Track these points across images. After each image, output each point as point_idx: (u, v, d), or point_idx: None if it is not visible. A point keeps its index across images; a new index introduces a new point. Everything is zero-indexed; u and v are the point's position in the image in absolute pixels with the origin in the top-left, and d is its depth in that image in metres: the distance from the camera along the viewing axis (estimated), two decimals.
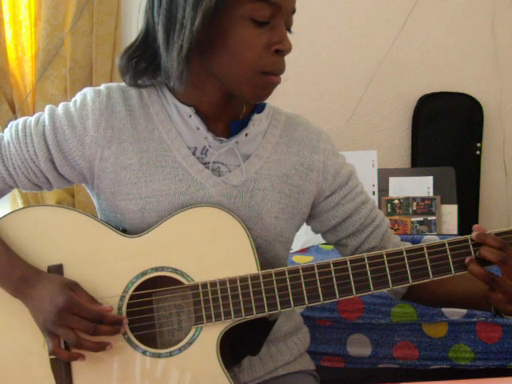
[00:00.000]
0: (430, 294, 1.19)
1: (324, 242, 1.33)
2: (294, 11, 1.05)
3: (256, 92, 1.05)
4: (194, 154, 1.12)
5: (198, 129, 1.09)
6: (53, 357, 1.04)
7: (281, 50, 1.02)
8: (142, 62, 1.10)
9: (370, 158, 2.21)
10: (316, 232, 1.26)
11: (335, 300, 1.03)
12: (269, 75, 1.03)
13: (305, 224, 1.25)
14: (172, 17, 1.02)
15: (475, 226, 1.04)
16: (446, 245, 1.03)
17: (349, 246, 1.21)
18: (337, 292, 1.03)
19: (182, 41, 1.01)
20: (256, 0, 0.99)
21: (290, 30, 1.06)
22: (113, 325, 1.02)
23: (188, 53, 1.01)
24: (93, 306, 1.00)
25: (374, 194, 2.17)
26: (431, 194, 2.16)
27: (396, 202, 2.13)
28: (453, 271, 1.03)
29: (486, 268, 1.01)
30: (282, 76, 1.06)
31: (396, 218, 2.11)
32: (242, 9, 0.99)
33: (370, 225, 1.20)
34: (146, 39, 1.08)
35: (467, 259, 1.02)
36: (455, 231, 2.14)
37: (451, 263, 1.03)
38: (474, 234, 1.03)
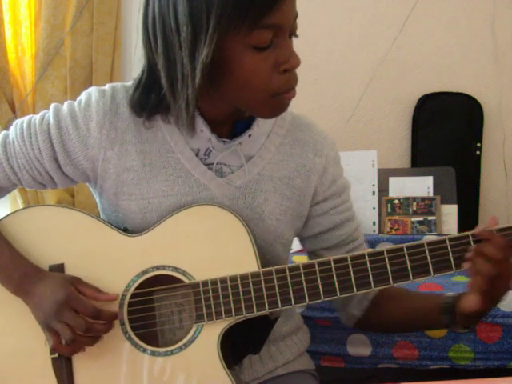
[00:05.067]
0: (384, 317, 1.20)
1: None
2: (296, 17, 1.00)
3: (272, 112, 1.05)
4: (197, 155, 1.11)
5: (202, 130, 1.08)
6: (54, 356, 1.04)
7: (289, 68, 0.99)
8: (154, 97, 1.06)
9: (370, 157, 2.21)
10: (297, 236, 1.24)
11: (336, 298, 1.03)
12: (282, 95, 1.01)
13: None
14: (171, 64, 0.98)
15: (493, 218, 1.04)
16: (447, 241, 1.03)
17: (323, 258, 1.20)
18: (338, 289, 1.03)
19: (186, 94, 0.98)
20: (253, 28, 0.94)
21: (295, 35, 1.02)
22: (109, 320, 1.02)
23: (195, 101, 0.99)
24: (91, 303, 1.00)
25: (373, 194, 2.17)
26: (431, 194, 2.15)
27: (396, 201, 2.13)
28: (453, 267, 1.03)
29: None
30: None
31: (396, 217, 2.11)
32: (242, 41, 0.95)
33: (349, 244, 1.20)
34: (151, 75, 1.05)
35: (468, 254, 1.01)
36: (455, 231, 2.13)
37: (452, 259, 1.03)
38: (478, 230, 1.02)
